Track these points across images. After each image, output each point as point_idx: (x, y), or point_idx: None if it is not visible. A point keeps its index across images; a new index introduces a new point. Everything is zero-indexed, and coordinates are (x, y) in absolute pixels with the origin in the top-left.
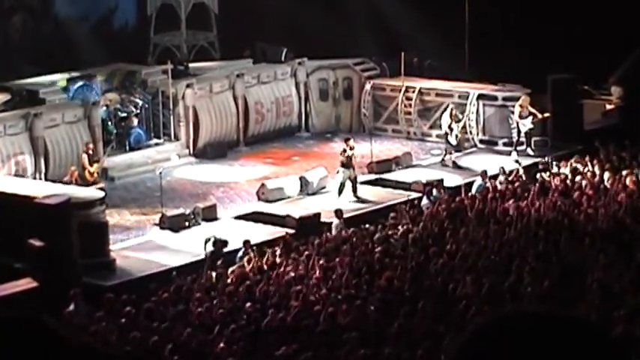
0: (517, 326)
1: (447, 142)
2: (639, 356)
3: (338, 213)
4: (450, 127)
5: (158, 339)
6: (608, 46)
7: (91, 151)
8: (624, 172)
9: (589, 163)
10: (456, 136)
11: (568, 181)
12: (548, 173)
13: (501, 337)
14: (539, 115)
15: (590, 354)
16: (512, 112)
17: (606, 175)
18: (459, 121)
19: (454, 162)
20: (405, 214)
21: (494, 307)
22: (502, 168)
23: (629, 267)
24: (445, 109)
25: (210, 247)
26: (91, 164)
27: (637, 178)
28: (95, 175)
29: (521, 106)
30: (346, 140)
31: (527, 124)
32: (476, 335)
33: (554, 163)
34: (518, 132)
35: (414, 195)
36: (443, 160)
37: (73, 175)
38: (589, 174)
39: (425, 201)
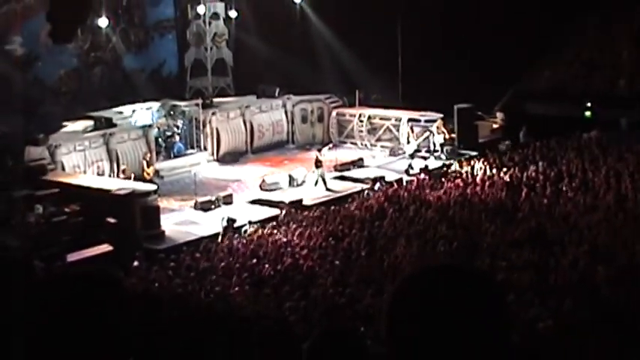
0: (434, 275)
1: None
2: (514, 296)
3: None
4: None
5: (194, 285)
6: (494, 83)
7: (148, 159)
8: (504, 170)
9: (482, 164)
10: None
11: (468, 175)
12: (455, 170)
13: (422, 284)
14: (447, 135)
15: (481, 294)
16: (431, 131)
17: (493, 171)
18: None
19: (411, 165)
20: (359, 199)
21: (418, 262)
22: (426, 166)
23: (508, 232)
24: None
25: (224, 223)
26: (148, 167)
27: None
28: (151, 174)
29: (437, 127)
30: (319, 150)
31: (439, 139)
32: (404, 283)
33: (458, 163)
34: (434, 144)
35: (365, 186)
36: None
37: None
38: (481, 171)
39: (371, 190)
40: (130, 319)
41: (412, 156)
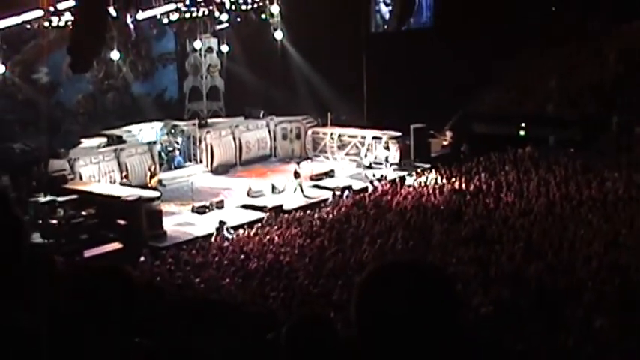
0: (394, 269)
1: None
2: (461, 285)
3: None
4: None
5: (191, 276)
6: (444, 106)
7: (152, 170)
8: (452, 180)
9: (433, 175)
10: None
11: (422, 184)
12: (410, 180)
13: (385, 277)
14: (399, 150)
15: (434, 284)
16: (388, 148)
17: (444, 181)
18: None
19: (366, 175)
20: (331, 204)
21: (380, 258)
22: (385, 176)
23: (456, 232)
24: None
25: (218, 225)
26: (152, 177)
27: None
28: (154, 184)
29: (386, 142)
30: (297, 163)
31: (393, 154)
32: (369, 276)
33: (414, 174)
34: (388, 158)
35: (336, 194)
36: (365, 175)
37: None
38: (433, 181)
39: (341, 197)
40: (137, 305)
41: (369, 167)
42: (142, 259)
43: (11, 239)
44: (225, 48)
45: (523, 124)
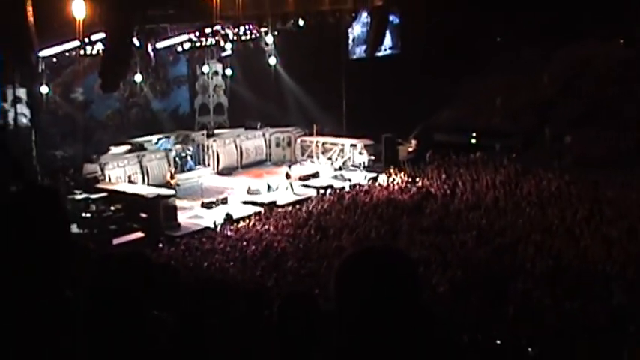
0: (368, 254)
1: (340, 168)
2: (422, 267)
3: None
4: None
5: (200, 261)
6: (410, 119)
7: (172, 172)
8: (417, 179)
9: (400, 175)
10: (340, 166)
11: (390, 183)
12: (381, 180)
13: (360, 260)
14: (372, 155)
15: (401, 266)
16: (362, 153)
17: (409, 180)
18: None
19: (342, 175)
20: (316, 200)
21: (357, 245)
22: (367, 178)
23: (419, 223)
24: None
25: (223, 217)
26: (172, 179)
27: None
28: (175, 183)
29: (362, 148)
30: (288, 166)
31: (365, 158)
32: (347, 259)
33: (384, 175)
34: (362, 162)
35: (321, 191)
36: (340, 175)
37: (172, 178)
38: (400, 180)
39: (324, 195)
40: (154, 283)
41: (340, 169)
42: (160, 245)
43: (61, 229)
44: (228, 71)
45: (474, 134)
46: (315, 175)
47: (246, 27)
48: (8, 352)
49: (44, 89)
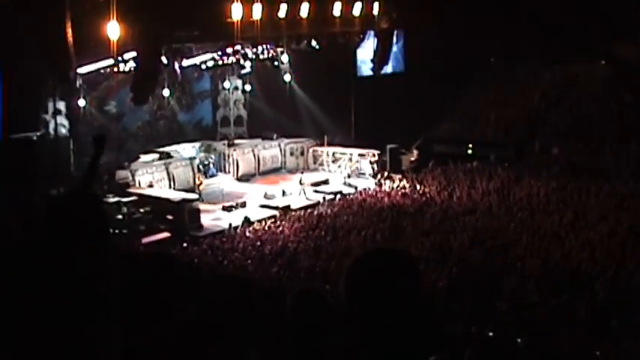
0: (374, 255)
1: (348, 175)
2: (423, 265)
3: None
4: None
5: (221, 259)
6: (412, 131)
7: (200, 180)
8: (418, 186)
9: (403, 182)
10: (348, 174)
11: (394, 189)
12: (386, 186)
13: (367, 261)
14: (375, 163)
15: (404, 265)
16: (371, 162)
17: (412, 187)
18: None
19: (350, 182)
20: (326, 205)
21: (364, 245)
22: (378, 183)
23: (420, 225)
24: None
25: (242, 219)
26: (200, 185)
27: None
28: (202, 188)
29: (372, 158)
30: (301, 173)
31: (376, 167)
32: (356, 260)
33: (388, 182)
34: (370, 169)
35: (330, 197)
36: (348, 182)
37: (201, 184)
38: (404, 187)
39: (334, 199)
40: (180, 279)
41: (349, 176)
42: (185, 245)
43: (103, 231)
44: (248, 87)
45: (471, 145)
46: (326, 182)
47: (264, 47)
48: (44, 345)
49: (81, 102)
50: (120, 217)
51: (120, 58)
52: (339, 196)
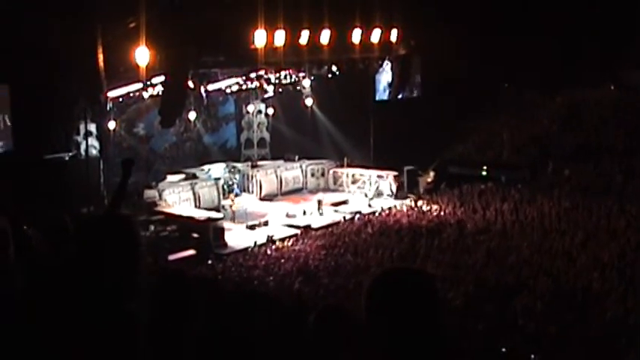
0: (392, 274)
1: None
2: (439, 284)
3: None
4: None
5: (244, 275)
6: (428, 153)
7: (233, 199)
8: (434, 207)
9: (421, 202)
10: (372, 194)
11: (411, 209)
12: (403, 207)
13: (386, 279)
14: (395, 184)
15: (421, 283)
16: (390, 183)
17: (428, 207)
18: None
19: (369, 202)
20: (346, 224)
21: (382, 263)
22: (391, 205)
23: (436, 244)
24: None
25: (264, 238)
26: (233, 203)
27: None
28: (235, 208)
29: (392, 179)
30: (322, 193)
31: (391, 187)
32: (375, 278)
33: (406, 202)
34: (389, 190)
35: (349, 216)
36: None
37: (233, 203)
38: (420, 205)
39: (353, 219)
40: (205, 295)
41: (372, 198)
42: (210, 262)
43: (136, 250)
44: (270, 110)
45: (485, 167)
46: (345, 202)
47: (287, 72)
48: None
49: (111, 125)
50: (147, 234)
51: (148, 82)
52: (357, 215)
